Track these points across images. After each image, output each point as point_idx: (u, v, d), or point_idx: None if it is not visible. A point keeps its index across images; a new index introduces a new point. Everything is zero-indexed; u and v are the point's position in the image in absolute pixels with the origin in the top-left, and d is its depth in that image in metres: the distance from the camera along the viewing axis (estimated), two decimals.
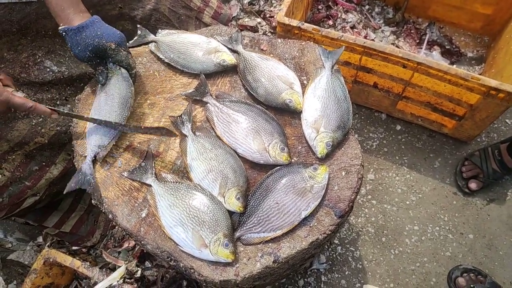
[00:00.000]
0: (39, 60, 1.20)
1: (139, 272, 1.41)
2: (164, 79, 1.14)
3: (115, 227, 1.66)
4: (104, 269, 1.37)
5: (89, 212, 1.62)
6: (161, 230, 0.91)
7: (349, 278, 1.51)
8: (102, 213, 1.48)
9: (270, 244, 0.89)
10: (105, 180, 0.98)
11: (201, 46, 1.13)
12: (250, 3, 2.18)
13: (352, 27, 1.98)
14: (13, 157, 1.19)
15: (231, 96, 1.08)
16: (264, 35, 2.08)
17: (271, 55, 1.15)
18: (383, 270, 1.52)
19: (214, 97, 1.07)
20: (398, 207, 1.63)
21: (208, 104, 1.05)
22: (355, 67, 1.59)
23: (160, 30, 1.21)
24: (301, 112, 1.03)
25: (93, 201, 0.97)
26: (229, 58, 1.10)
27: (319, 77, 1.06)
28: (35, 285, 1.35)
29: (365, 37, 1.95)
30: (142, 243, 0.91)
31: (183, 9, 1.61)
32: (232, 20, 2.08)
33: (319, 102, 1.02)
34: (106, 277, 1.33)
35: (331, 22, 2.01)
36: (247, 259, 0.87)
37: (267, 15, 2.11)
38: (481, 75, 1.41)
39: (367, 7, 2.07)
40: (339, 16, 2.01)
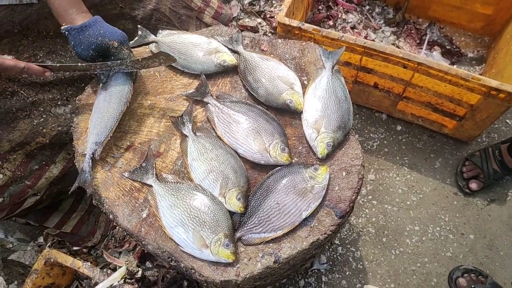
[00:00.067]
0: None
1: (139, 273, 1.41)
2: (165, 79, 1.14)
3: (116, 227, 1.67)
4: (105, 270, 1.37)
5: (90, 212, 1.62)
6: (161, 230, 0.91)
7: (350, 278, 1.51)
8: (103, 213, 1.48)
9: (271, 245, 0.89)
10: (106, 181, 0.98)
11: (201, 47, 1.13)
12: (251, 3, 2.18)
13: (353, 28, 1.99)
14: (14, 156, 1.19)
15: (231, 96, 1.08)
16: (264, 35, 2.08)
17: (272, 55, 1.15)
18: (384, 271, 1.52)
19: (214, 97, 1.07)
20: (399, 207, 1.63)
21: (209, 105, 1.05)
22: (356, 67, 1.59)
23: (160, 31, 1.21)
24: (301, 112, 1.03)
25: (94, 201, 0.97)
26: (229, 58, 1.11)
27: (319, 78, 1.06)
28: (36, 285, 1.35)
29: (366, 37, 1.95)
30: (143, 243, 0.91)
31: (184, 9, 1.61)
32: (232, 20, 2.08)
33: (319, 103, 1.02)
34: (107, 278, 1.33)
35: (331, 23, 2.01)
36: (248, 260, 0.87)
37: (268, 16, 2.12)
38: (482, 75, 1.41)
39: (367, 7, 2.07)
40: (339, 16, 2.01)
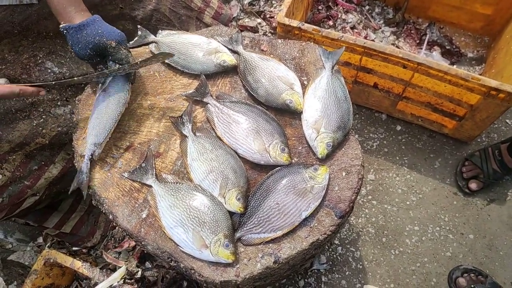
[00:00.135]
0: (40, 61, 1.20)
1: (139, 273, 1.41)
2: (165, 79, 1.14)
3: (115, 227, 1.67)
4: (104, 270, 1.37)
5: (89, 212, 1.62)
6: (161, 230, 0.91)
7: (350, 278, 1.51)
8: (102, 213, 1.48)
9: (270, 245, 0.89)
10: (105, 181, 0.98)
11: (201, 47, 1.13)
12: (250, 3, 2.18)
13: (352, 28, 1.99)
14: (14, 157, 1.19)
15: (231, 96, 1.08)
16: (264, 35, 2.07)
17: (272, 55, 1.15)
18: (384, 271, 1.52)
19: (214, 97, 1.07)
20: (399, 207, 1.63)
21: (209, 105, 1.05)
22: (355, 67, 1.59)
23: (160, 31, 1.21)
24: (301, 112, 1.03)
25: (93, 201, 0.97)
26: (229, 58, 1.11)
27: (319, 78, 1.06)
28: (35, 285, 1.35)
29: (365, 37, 1.95)
30: (143, 243, 0.91)
31: (183, 10, 1.61)
32: (232, 20, 2.08)
33: (319, 103, 1.02)
34: (106, 278, 1.33)
35: (331, 23, 2.01)
36: (247, 260, 0.87)
37: (267, 16, 2.12)
38: (481, 75, 1.41)
39: (367, 7, 2.07)
40: (339, 16, 2.01)
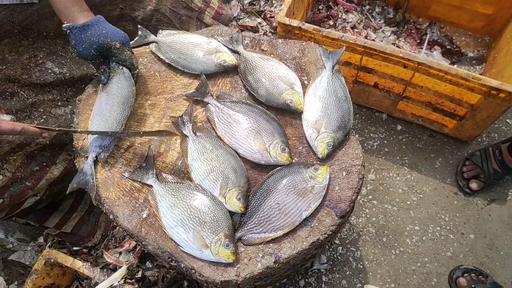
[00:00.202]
0: (40, 61, 1.20)
1: (140, 273, 1.41)
2: (165, 79, 1.14)
3: (116, 227, 1.67)
4: (105, 270, 1.37)
5: (90, 212, 1.62)
6: (162, 230, 0.91)
7: (350, 278, 1.51)
8: (103, 213, 1.48)
9: (271, 245, 0.89)
10: (106, 181, 0.98)
11: (201, 47, 1.13)
12: (251, 3, 2.18)
13: (353, 27, 1.98)
14: (14, 157, 1.19)
15: (232, 96, 1.08)
16: (264, 35, 2.08)
17: (272, 55, 1.15)
18: (384, 270, 1.52)
19: (215, 97, 1.07)
20: (399, 207, 1.63)
21: (209, 105, 1.05)
22: (356, 67, 1.59)
23: (160, 31, 1.21)
24: (302, 112, 1.03)
25: (93, 201, 0.97)
26: (229, 58, 1.11)
27: (319, 78, 1.06)
28: (36, 285, 1.35)
29: (366, 37, 1.95)
30: (143, 243, 0.91)
31: (184, 10, 1.61)
32: (232, 20, 2.08)
33: (320, 103, 1.02)
34: (107, 278, 1.33)
35: (331, 22, 2.01)
36: (248, 260, 0.87)
37: (268, 16, 2.11)
38: (482, 75, 1.41)
39: (367, 7, 2.06)
40: (339, 16, 2.01)
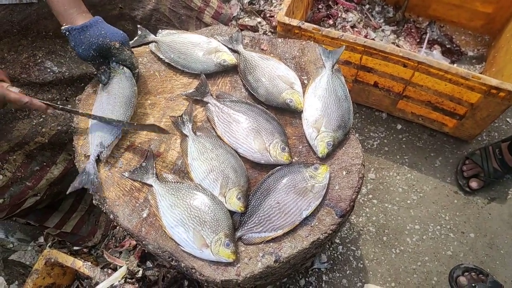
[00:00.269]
0: (39, 60, 1.20)
1: (140, 272, 1.41)
2: (165, 79, 1.14)
3: (116, 227, 1.67)
4: (105, 269, 1.37)
5: (90, 212, 1.62)
6: (162, 230, 0.91)
7: (350, 277, 1.51)
8: (103, 213, 1.48)
9: (271, 244, 0.89)
10: (106, 181, 0.98)
11: (201, 46, 1.13)
12: (250, 2, 2.18)
13: (353, 27, 1.98)
14: (14, 157, 1.19)
15: (231, 96, 1.08)
16: (264, 34, 2.08)
17: (272, 54, 1.15)
18: (384, 269, 1.52)
19: (214, 97, 1.07)
20: (399, 206, 1.63)
21: (209, 104, 1.05)
22: (356, 66, 1.59)
23: (160, 30, 1.20)
24: (301, 111, 1.03)
25: (94, 201, 0.97)
26: (229, 58, 1.10)
27: (319, 77, 1.06)
28: (36, 285, 1.35)
29: (366, 36, 1.94)
30: (143, 243, 0.91)
31: (183, 9, 1.61)
32: (232, 20, 2.08)
33: (319, 102, 1.02)
34: (107, 277, 1.33)
35: (331, 22, 2.01)
36: (248, 259, 0.87)
37: (267, 15, 2.11)
38: (482, 74, 1.41)
39: (367, 6, 2.06)
40: (339, 15, 2.01)
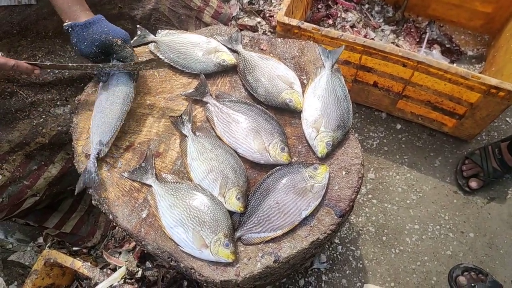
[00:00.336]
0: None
1: (139, 273, 1.41)
2: (164, 79, 1.14)
3: (115, 227, 1.66)
4: (104, 270, 1.37)
5: (89, 212, 1.62)
6: (161, 230, 0.91)
7: (350, 277, 1.51)
8: (102, 213, 1.48)
9: (270, 244, 0.89)
10: (105, 181, 0.98)
11: (200, 46, 1.13)
12: (250, 2, 2.17)
13: (352, 26, 1.98)
14: (14, 157, 1.19)
15: (231, 96, 1.08)
16: (264, 34, 2.07)
17: (271, 54, 1.15)
18: (384, 269, 1.52)
19: (214, 97, 1.07)
20: (399, 206, 1.63)
21: (208, 104, 1.05)
22: (355, 66, 1.59)
23: (159, 30, 1.20)
24: (301, 111, 1.03)
25: (93, 201, 0.97)
26: (229, 58, 1.10)
27: (319, 77, 1.06)
28: (35, 286, 1.35)
29: (365, 36, 1.94)
30: (143, 243, 0.91)
31: (183, 9, 1.61)
32: (232, 19, 2.08)
33: (319, 102, 1.02)
34: (106, 278, 1.33)
35: (330, 21, 2.01)
36: (247, 259, 0.87)
37: (267, 15, 2.11)
38: (481, 73, 1.41)
39: (366, 6, 2.06)
40: (338, 15, 2.01)
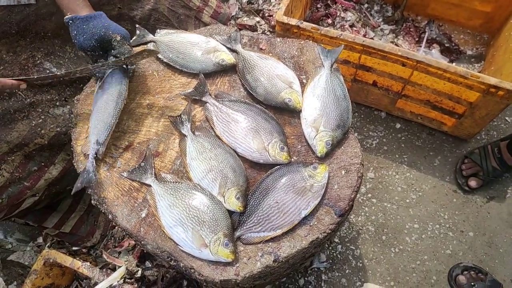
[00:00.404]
0: (38, 61, 1.20)
1: (139, 272, 1.41)
2: (163, 79, 1.14)
3: (115, 227, 1.66)
4: (104, 270, 1.37)
5: (89, 212, 1.62)
6: (161, 230, 0.91)
7: (350, 276, 1.51)
8: (102, 213, 1.48)
9: (270, 244, 0.89)
10: (104, 181, 0.98)
11: (200, 46, 1.13)
12: (249, 2, 2.17)
13: (351, 26, 1.98)
14: (13, 158, 1.19)
15: (230, 95, 1.08)
16: (263, 34, 2.07)
17: (270, 54, 1.15)
18: (384, 269, 1.52)
19: (213, 96, 1.07)
20: (398, 205, 1.63)
21: (207, 104, 1.05)
22: (354, 65, 1.59)
23: (158, 30, 1.20)
24: (300, 111, 1.03)
25: (93, 201, 0.97)
26: (228, 57, 1.10)
27: (318, 76, 1.06)
28: (35, 285, 1.35)
29: (364, 35, 1.94)
30: (142, 243, 0.91)
31: (182, 9, 1.60)
32: (231, 19, 2.07)
33: (318, 101, 1.02)
34: (106, 277, 1.33)
35: (330, 21, 2.01)
36: (247, 259, 0.87)
37: (266, 14, 2.11)
38: (481, 73, 1.41)
39: (366, 5, 2.06)
40: (338, 14, 2.01)
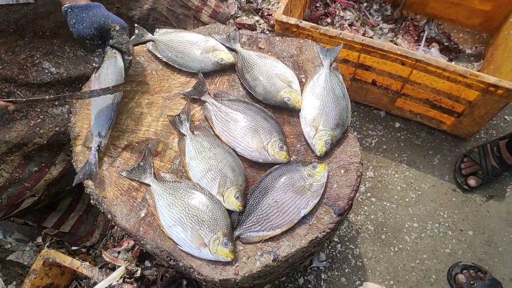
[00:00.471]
0: (37, 61, 1.20)
1: (138, 272, 1.41)
2: (162, 78, 1.13)
3: (114, 227, 1.66)
4: (103, 269, 1.37)
5: (88, 212, 1.62)
6: (160, 229, 0.91)
7: (349, 275, 1.51)
8: (101, 213, 1.48)
9: (269, 243, 0.89)
10: (103, 180, 0.97)
11: (199, 45, 1.13)
12: (248, 1, 2.17)
13: (350, 25, 1.98)
14: (12, 158, 1.19)
15: (229, 94, 1.07)
16: (262, 33, 2.07)
17: (269, 53, 1.15)
18: (383, 268, 1.52)
19: (212, 96, 1.07)
20: (398, 204, 1.63)
21: (207, 103, 1.05)
22: (354, 64, 1.59)
23: (157, 29, 1.20)
24: (299, 110, 1.03)
25: (92, 201, 0.97)
26: (227, 56, 1.10)
27: (317, 75, 1.06)
28: (34, 285, 1.35)
29: (364, 34, 1.94)
30: (142, 242, 0.91)
31: (181, 8, 1.60)
32: (230, 18, 2.07)
33: (317, 100, 1.02)
34: (105, 277, 1.33)
35: (329, 20, 2.00)
36: (246, 258, 0.87)
37: (265, 13, 2.11)
38: (480, 71, 1.41)
39: (365, 4, 2.06)
40: (337, 13, 2.01)
